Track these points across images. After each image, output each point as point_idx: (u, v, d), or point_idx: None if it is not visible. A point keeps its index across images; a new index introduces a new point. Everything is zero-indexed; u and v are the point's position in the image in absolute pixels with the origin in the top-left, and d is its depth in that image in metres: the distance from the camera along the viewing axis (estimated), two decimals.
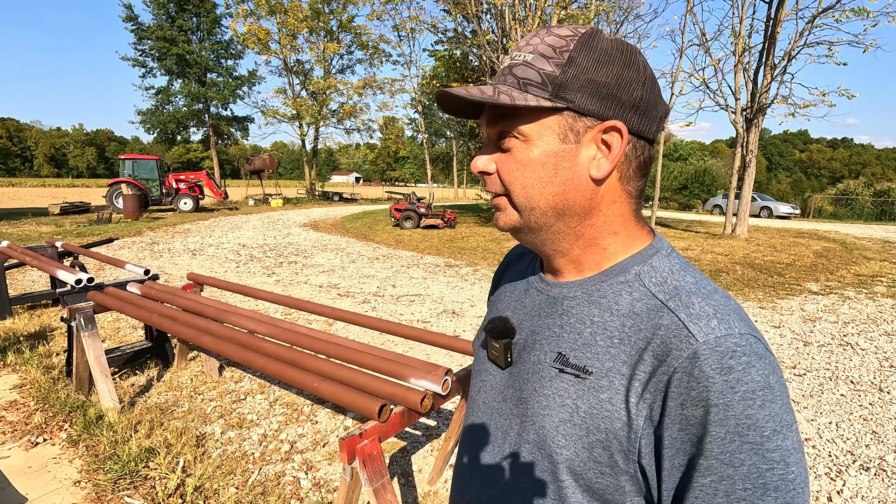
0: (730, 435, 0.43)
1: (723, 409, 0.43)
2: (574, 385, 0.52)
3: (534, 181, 0.53)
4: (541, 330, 0.59)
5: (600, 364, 0.51)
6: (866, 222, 20.57)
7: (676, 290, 0.51)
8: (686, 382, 0.45)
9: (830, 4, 9.91)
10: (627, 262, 0.55)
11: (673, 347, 0.46)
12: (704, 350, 0.45)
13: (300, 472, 2.37)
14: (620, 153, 0.52)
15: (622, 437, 0.49)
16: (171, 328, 2.44)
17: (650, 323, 0.49)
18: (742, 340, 0.45)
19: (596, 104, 0.50)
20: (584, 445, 0.51)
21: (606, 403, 0.50)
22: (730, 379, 0.43)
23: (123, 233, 11.57)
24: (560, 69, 0.50)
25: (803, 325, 4.97)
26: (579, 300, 0.56)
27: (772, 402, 0.43)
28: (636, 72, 0.51)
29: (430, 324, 4.94)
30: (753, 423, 0.43)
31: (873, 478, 2.38)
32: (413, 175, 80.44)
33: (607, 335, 0.52)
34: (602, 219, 0.55)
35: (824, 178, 70.22)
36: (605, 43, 0.51)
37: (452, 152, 36.93)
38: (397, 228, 13.89)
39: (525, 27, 11.21)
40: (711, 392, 0.44)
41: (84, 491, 2.16)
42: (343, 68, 29.57)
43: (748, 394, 0.43)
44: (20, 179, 62.99)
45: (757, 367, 0.44)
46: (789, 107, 11.18)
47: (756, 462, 0.43)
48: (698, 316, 0.47)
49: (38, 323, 4.52)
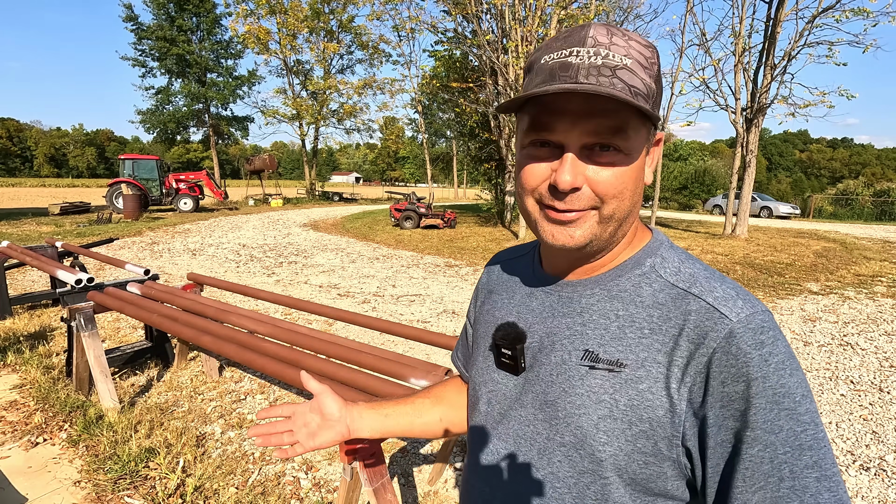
0: (769, 405, 0.46)
1: (761, 381, 0.46)
2: (609, 380, 0.53)
3: (629, 193, 0.53)
4: (558, 330, 0.58)
5: (634, 356, 0.52)
6: (866, 222, 20.57)
7: (693, 278, 0.53)
8: (726, 360, 0.47)
9: (830, 4, 9.91)
10: (639, 255, 0.57)
11: (709, 329, 0.49)
12: (739, 328, 0.48)
13: (300, 472, 2.37)
14: (658, 159, 0.57)
15: (666, 423, 0.50)
16: (171, 328, 2.44)
17: (678, 310, 0.51)
18: (766, 317, 0.49)
19: (656, 111, 0.52)
20: (627, 438, 0.51)
21: (647, 393, 0.50)
22: (763, 353, 0.47)
23: (123, 233, 11.57)
24: (655, 82, 0.52)
25: (803, 325, 4.97)
26: (598, 296, 0.57)
27: (797, 370, 0.48)
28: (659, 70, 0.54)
29: (430, 324, 4.94)
30: (787, 391, 0.46)
31: (873, 478, 2.38)
32: (413, 175, 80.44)
33: (636, 327, 0.53)
34: (633, 219, 0.58)
35: (824, 178, 70.23)
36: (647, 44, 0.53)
37: (452, 152, 36.91)
38: (397, 228, 13.89)
39: (525, 27, 11.20)
40: (751, 367, 0.46)
41: (84, 491, 2.16)
42: (343, 68, 29.61)
43: (779, 364, 0.47)
44: (20, 179, 63.00)
45: (781, 339, 0.48)
46: (789, 107, 11.19)
47: (792, 426, 0.46)
48: (724, 298, 0.50)
49: (38, 323, 4.52)
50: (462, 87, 14.63)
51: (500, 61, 11.69)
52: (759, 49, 11.45)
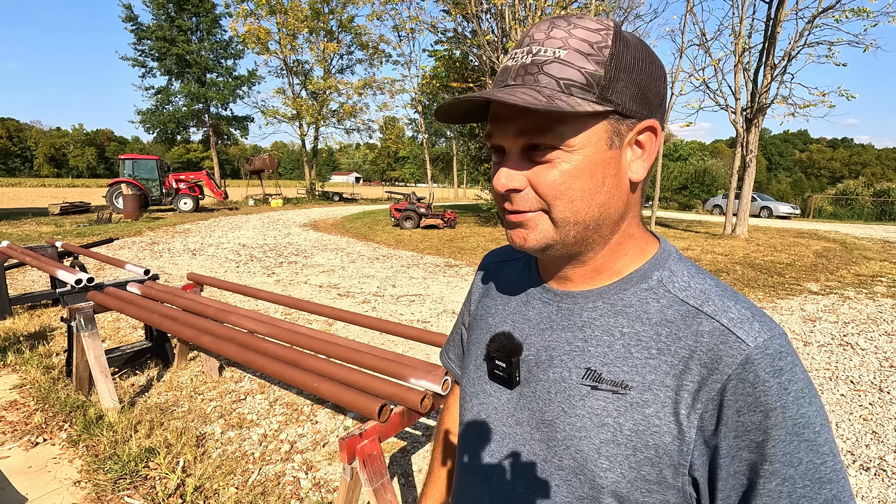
0: (788, 436, 0.43)
1: (780, 411, 0.43)
2: (613, 402, 0.49)
3: (581, 193, 0.48)
4: (557, 345, 0.54)
5: (640, 377, 0.48)
6: (866, 222, 20.57)
7: (705, 294, 0.49)
8: (742, 389, 0.44)
9: (830, 4, 9.92)
10: (646, 267, 0.53)
11: (723, 354, 0.45)
12: (756, 354, 0.44)
13: (300, 472, 2.37)
14: (654, 153, 0.50)
15: (673, 451, 0.46)
16: (171, 328, 2.44)
17: (689, 330, 0.47)
18: (784, 341, 0.45)
19: (637, 104, 0.48)
20: (630, 465, 0.48)
21: (653, 418, 0.47)
22: (782, 381, 0.44)
23: (123, 233, 11.57)
24: (603, 67, 0.46)
25: (803, 325, 4.97)
26: (602, 311, 0.53)
27: (815, 397, 0.45)
28: (660, 68, 0.49)
29: (430, 324, 4.94)
30: (807, 421, 0.43)
31: (873, 478, 2.38)
32: (413, 175, 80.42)
33: (643, 346, 0.49)
34: (627, 223, 0.53)
35: (824, 178, 70.23)
36: (633, 38, 0.48)
37: (452, 152, 36.92)
38: (397, 228, 13.89)
39: (525, 27, 11.20)
40: (769, 396, 0.43)
41: (84, 491, 2.16)
42: (343, 68, 29.60)
43: (799, 393, 0.44)
44: (20, 179, 63.00)
45: (799, 366, 0.45)
46: (789, 107, 11.19)
47: (812, 458, 0.43)
48: (740, 320, 0.46)
49: (38, 323, 4.52)
50: (462, 87, 14.64)
51: (500, 61, 11.69)
52: (759, 49, 11.46)
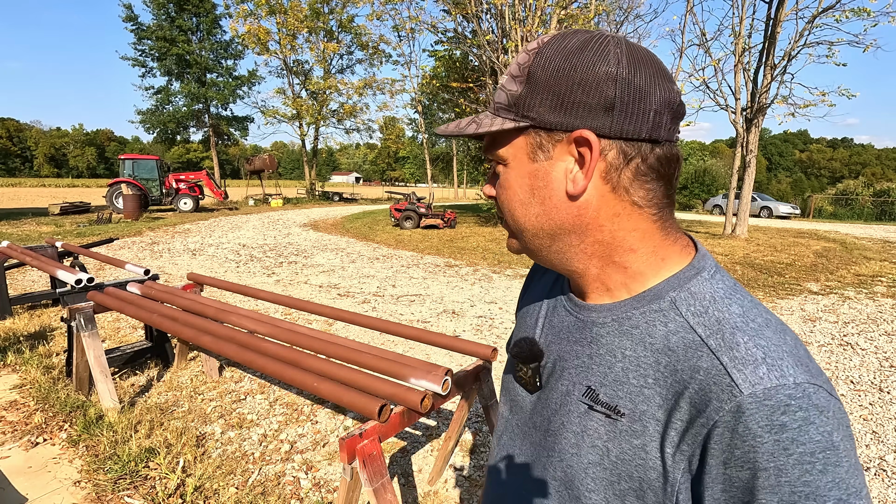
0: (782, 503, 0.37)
1: (774, 474, 0.37)
2: (605, 426, 0.48)
3: (516, 204, 0.51)
4: (568, 357, 0.54)
5: (633, 405, 0.46)
6: (866, 222, 20.57)
7: (719, 324, 0.43)
8: (729, 440, 0.39)
9: (830, 4, 9.92)
10: (662, 286, 0.48)
11: (713, 398, 0.40)
12: (751, 404, 0.38)
13: (300, 472, 2.37)
14: (593, 163, 0.46)
15: (657, 488, 0.44)
16: (171, 328, 2.44)
17: (688, 363, 0.43)
18: (798, 392, 0.38)
19: (559, 115, 0.46)
20: (614, 493, 0.46)
21: (640, 451, 0.45)
22: (782, 439, 0.37)
23: (123, 233, 11.57)
24: (522, 86, 0.48)
25: (803, 325, 4.97)
26: (609, 328, 0.50)
27: (836, 466, 0.37)
28: (605, 69, 0.44)
29: (430, 324, 4.94)
30: (813, 492, 0.37)
31: (873, 478, 2.38)
32: (413, 175, 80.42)
33: (640, 373, 0.46)
34: (607, 235, 0.49)
35: (824, 178, 70.22)
36: (566, 47, 0.46)
37: (452, 152, 36.91)
38: (397, 228, 13.89)
39: (525, 27, 11.20)
40: (760, 453, 0.38)
41: (84, 491, 2.16)
42: (343, 68, 29.61)
43: (805, 456, 0.37)
44: (20, 179, 62.99)
45: (816, 424, 0.37)
46: (789, 107, 11.19)
47: None
48: (744, 360, 0.40)
49: (38, 323, 4.52)
50: (462, 87, 14.64)
51: (500, 61, 11.69)
52: (759, 49, 11.46)
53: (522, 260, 9.03)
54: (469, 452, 2.57)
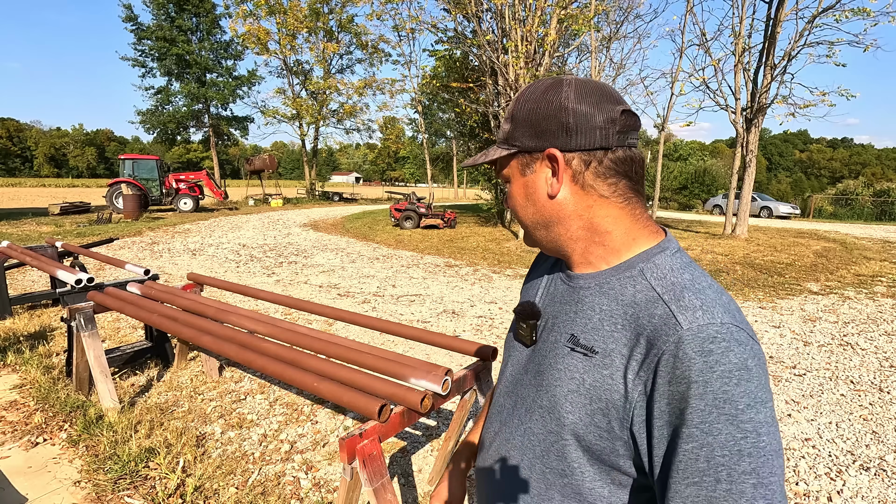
0: (708, 407, 0.50)
1: (702, 385, 0.50)
2: (582, 362, 0.62)
3: (518, 207, 0.70)
4: (560, 315, 0.69)
5: (604, 345, 0.60)
6: (866, 222, 20.57)
7: (673, 286, 0.58)
8: (672, 363, 0.53)
9: (830, 4, 9.91)
10: (634, 259, 0.63)
11: (662, 334, 0.54)
12: (688, 336, 0.52)
13: (300, 472, 2.37)
14: (562, 172, 0.63)
15: (619, 406, 0.57)
16: (171, 328, 2.44)
17: (647, 312, 0.57)
18: (723, 329, 0.52)
19: (535, 141, 0.64)
20: (587, 412, 0.60)
21: (608, 378, 0.59)
22: (709, 360, 0.51)
23: (123, 233, 11.57)
24: (510, 124, 0.67)
25: (803, 325, 4.97)
26: (592, 290, 0.65)
27: (748, 381, 0.50)
28: (558, 105, 0.62)
29: (430, 324, 4.94)
30: (729, 398, 0.50)
31: (873, 478, 2.38)
32: (413, 175, 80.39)
33: (612, 321, 0.61)
34: (586, 221, 0.65)
35: (824, 178, 70.17)
36: (534, 92, 0.65)
37: (452, 152, 36.85)
38: (397, 228, 13.89)
39: (525, 27, 11.20)
40: (693, 371, 0.51)
41: (84, 491, 2.16)
42: (343, 68, 29.59)
43: (725, 373, 0.50)
44: (20, 179, 62.94)
45: (735, 352, 0.51)
46: (789, 107, 11.18)
47: (732, 431, 0.49)
48: (686, 307, 0.55)
49: (38, 323, 4.52)
50: (462, 87, 14.63)
51: (500, 61, 11.69)
52: (759, 49, 11.45)
53: (521, 260, 9.03)
54: None
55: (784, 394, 3.32)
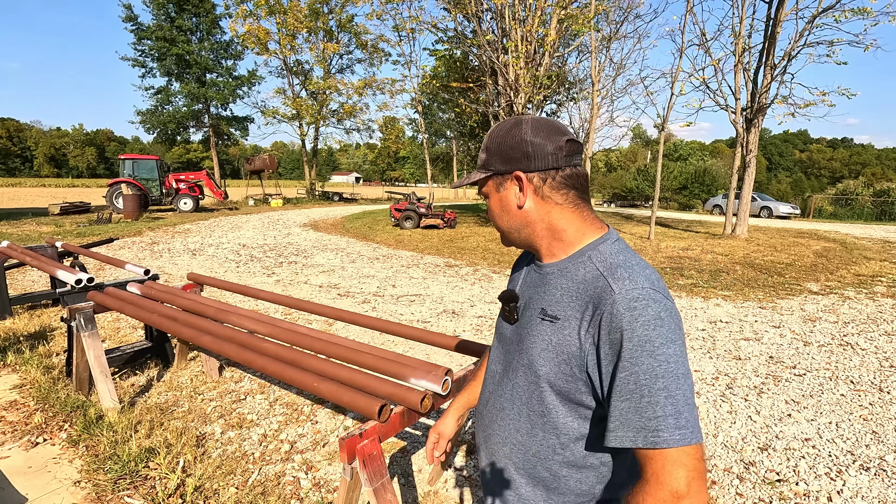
0: (634, 347, 0.71)
1: (630, 332, 0.71)
2: (549, 327, 0.82)
3: (496, 216, 0.92)
4: (534, 296, 0.89)
5: (564, 313, 0.81)
6: (866, 222, 20.56)
7: (610, 265, 0.79)
8: (609, 319, 0.73)
9: (830, 4, 9.91)
10: (584, 248, 0.84)
11: (602, 299, 0.75)
12: (619, 298, 0.73)
13: (300, 472, 2.37)
14: (526, 188, 0.85)
15: (577, 356, 0.78)
16: (171, 328, 2.44)
17: (592, 285, 0.78)
18: (644, 293, 0.73)
19: (504, 165, 0.86)
20: (555, 363, 0.80)
21: (567, 336, 0.79)
22: (634, 314, 0.72)
23: (123, 233, 11.57)
24: (486, 154, 0.89)
25: (803, 325, 4.97)
26: (555, 275, 0.86)
27: (661, 327, 0.71)
28: (519, 139, 0.83)
29: (430, 324, 4.94)
30: (648, 339, 0.71)
31: (873, 478, 2.38)
32: (413, 175, 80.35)
33: (569, 295, 0.81)
34: (547, 224, 0.86)
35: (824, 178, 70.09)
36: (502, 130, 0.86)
37: (452, 152, 36.82)
38: (397, 228, 13.89)
39: (525, 27, 11.20)
40: (623, 322, 0.72)
41: (84, 491, 2.16)
42: (343, 68, 29.57)
43: (646, 322, 0.71)
44: (20, 179, 62.91)
45: (653, 307, 0.72)
46: (789, 107, 11.19)
47: (650, 362, 0.70)
48: (618, 279, 0.76)
49: (38, 323, 4.52)
50: (462, 87, 14.64)
51: (500, 61, 11.69)
52: (759, 49, 11.45)
53: None
54: (469, 452, 2.57)
55: (784, 394, 3.32)
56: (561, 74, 14.34)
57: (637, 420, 0.70)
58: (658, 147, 12.47)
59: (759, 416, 3.00)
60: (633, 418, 0.70)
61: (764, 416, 3.00)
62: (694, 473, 0.68)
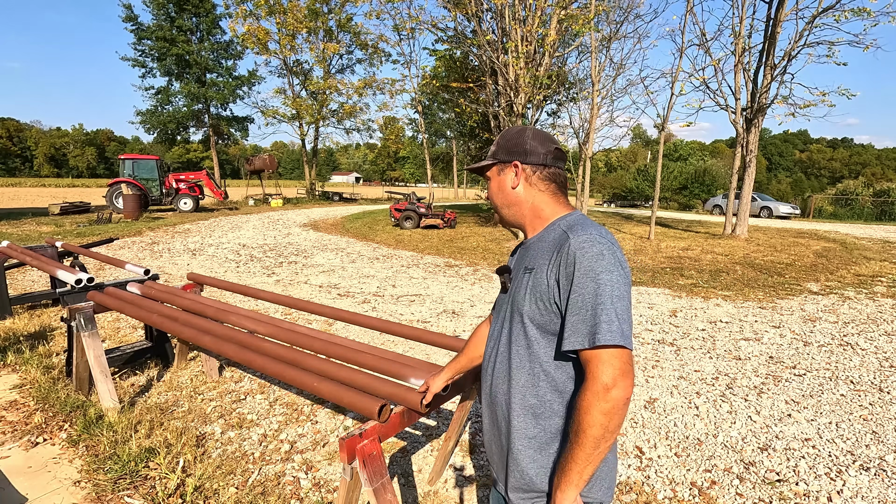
0: (582, 276, 0.94)
1: (578, 264, 0.95)
2: (528, 275, 1.06)
3: (494, 195, 1.19)
4: (520, 262, 1.14)
5: (538, 264, 1.04)
6: (866, 222, 20.56)
7: (570, 224, 1.05)
8: (565, 258, 0.97)
9: (830, 4, 9.91)
10: (557, 221, 1.11)
11: (562, 247, 0.99)
12: (573, 243, 0.97)
13: (300, 472, 2.37)
14: (520, 175, 1.14)
15: (546, 291, 1.00)
16: (171, 328, 2.44)
17: (558, 242, 1.02)
18: (591, 238, 0.97)
19: (507, 156, 1.14)
20: (532, 301, 1.03)
21: (540, 279, 1.02)
22: (582, 251, 0.95)
23: (123, 233, 11.57)
24: (496, 147, 1.18)
25: (803, 325, 4.97)
26: (535, 242, 1.11)
27: (602, 260, 0.94)
28: (521, 140, 1.13)
29: (430, 324, 4.94)
30: (592, 269, 0.94)
31: (873, 478, 2.38)
32: (413, 175, 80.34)
33: (543, 252, 1.05)
34: (531, 205, 1.14)
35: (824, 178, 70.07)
36: (511, 132, 1.16)
37: (452, 152, 36.87)
38: (397, 228, 13.88)
39: (525, 27, 11.19)
40: (575, 258, 0.96)
41: (84, 491, 2.16)
42: (343, 68, 29.55)
43: (590, 257, 0.94)
44: (20, 179, 62.87)
45: (596, 247, 0.95)
46: (789, 107, 11.17)
47: (592, 286, 0.93)
48: (575, 232, 1.00)
49: (38, 323, 4.52)
50: (462, 87, 14.63)
51: (501, 61, 11.69)
52: (759, 49, 11.45)
53: None
54: (469, 452, 2.57)
55: (784, 394, 3.32)
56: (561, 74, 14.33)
57: (583, 327, 0.92)
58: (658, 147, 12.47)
59: (759, 416, 3.00)
60: (581, 327, 0.93)
61: (764, 416, 3.00)
62: (619, 372, 0.89)
